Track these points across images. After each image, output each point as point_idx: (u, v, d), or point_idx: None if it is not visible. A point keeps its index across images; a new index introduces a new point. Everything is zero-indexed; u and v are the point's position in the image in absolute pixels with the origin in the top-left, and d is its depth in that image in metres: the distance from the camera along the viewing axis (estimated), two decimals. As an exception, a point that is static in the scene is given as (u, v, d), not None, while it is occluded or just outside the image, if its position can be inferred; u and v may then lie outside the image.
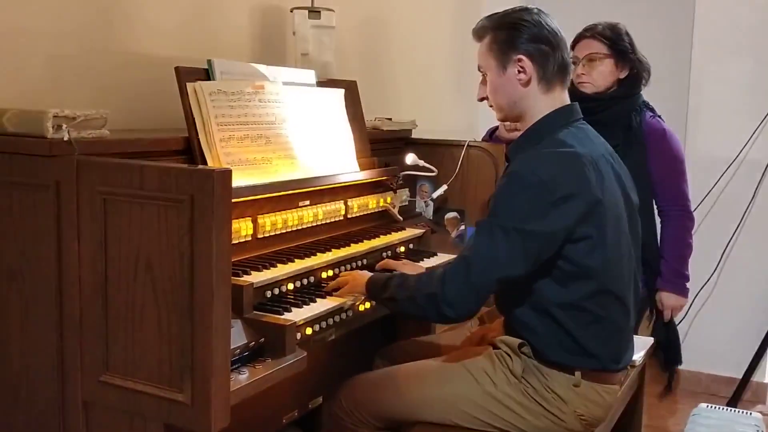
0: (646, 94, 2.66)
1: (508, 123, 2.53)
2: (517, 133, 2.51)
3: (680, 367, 3.72)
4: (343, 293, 1.87)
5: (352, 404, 1.93)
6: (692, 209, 2.66)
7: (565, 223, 1.68)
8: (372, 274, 1.90)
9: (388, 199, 2.46)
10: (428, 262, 2.31)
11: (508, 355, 1.83)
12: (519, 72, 1.79)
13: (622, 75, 2.58)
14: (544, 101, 1.81)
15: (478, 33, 1.86)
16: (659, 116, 2.65)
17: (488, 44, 1.83)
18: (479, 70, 1.88)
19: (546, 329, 1.78)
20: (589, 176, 1.71)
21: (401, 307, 1.80)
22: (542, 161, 1.71)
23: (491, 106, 1.89)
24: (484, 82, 1.88)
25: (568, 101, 1.86)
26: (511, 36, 1.79)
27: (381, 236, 2.28)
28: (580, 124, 1.86)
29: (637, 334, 2.47)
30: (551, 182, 1.67)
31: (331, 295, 1.87)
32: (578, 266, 1.72)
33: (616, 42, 2.55)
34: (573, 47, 2.61)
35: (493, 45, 1.81)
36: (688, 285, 2.67)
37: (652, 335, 2.67)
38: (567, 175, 1.69)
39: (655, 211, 2.65)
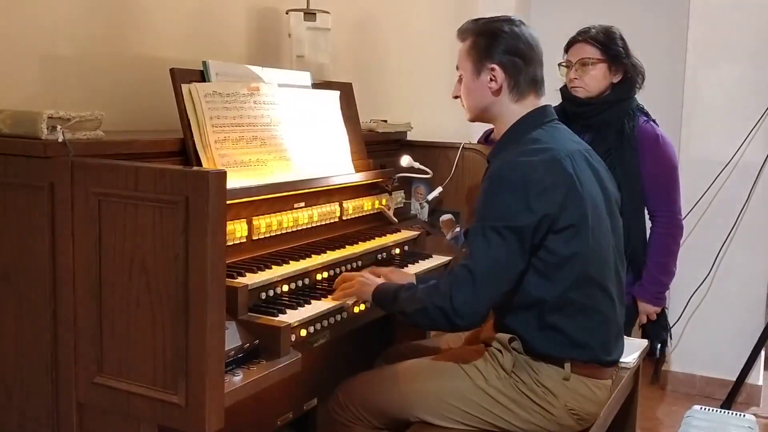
0: (641, 97, 2.65)
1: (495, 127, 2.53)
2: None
3: (674, 369, 3.75)
4: (347, 295, 1.88)
5: (349, 400, 1.94)
6: (682, 218, 2.64)
7: (548, 210, 1.72)
8: (379, 283, 1.90)
9: (384, 201, 2.46)
10: (422, 265, 2.31)
11: (499, 351, 1.85)
12: (491, 80, 1.87)
13: (616, 79, 2.57)
14: (514, 110, 1.89)
15: (462, 34, 1.94)
16: (654, 121, 2.63)
17: (468, 47, 1.91)
18: (457, 69, 1.95)
19: (534, 326, 1.80)
20: (566, 167, 1.77)
21: (412, 319, 1.83)
22: (520, 159, 1.77)
23: (463, 106, 1.97)
24: (459, 81, 1.95)
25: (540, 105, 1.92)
26: (489, 45, 1.86)
27: (376, 238, 2.28)
28: (555, 123, 1.91)
29: (629, 335, 2.48)
30: (532, 176, 1.73)
31: (326, 297, 1.87)
32: (561, 255, 1.76)
33: (609, 46, 2.54)
34: (566, 50, 2.61)
35: (472, 50, 1.89)
36: (665, 294, 2.67)
37: (645, 336, 2.67)
38: (545, 169, 1.75)
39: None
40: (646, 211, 2.63)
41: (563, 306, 1.78)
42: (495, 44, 1.85)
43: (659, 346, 2.58)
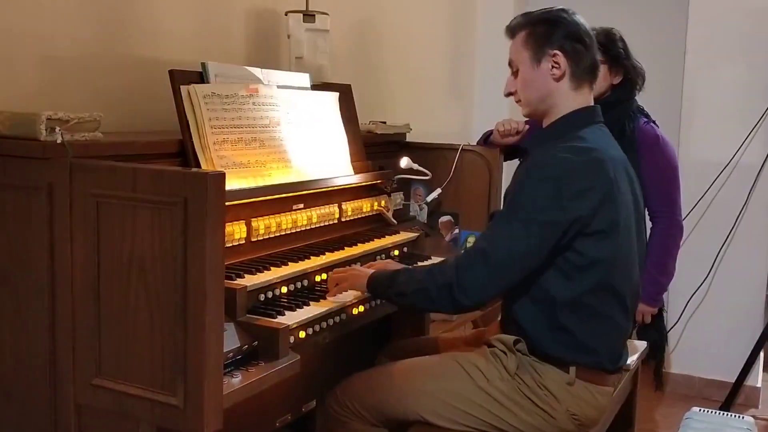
0: (639, 99, 2.66)
1: (503, 128, 2.53)
2: (513, 139, 2.54)
3: (673, 371, 3.75)
4: (342, 290, 1.87)
5: (347, 396, 1.93)
6: (682, 219, 2.64)
7: (582, 212, 1.70)
8: (373, 271, 1.89)
9: (383, 203, 2.46)
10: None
11: (503, 353, 1.84)
12: (553, 67, 1.83)
13: (616, 81, 2.57)
14: (572, 98, 1.85)
15: (513, 30, 1.89)
16: (654, 122, 2.64)
17: (524, 38, 1.86)
18: (510, 65, 1.91)
19: (545, 325, 1.79)
20: (607, 171, 1.75)
21: (411, 300, 1.81)
22: (562, 156, 1.74)
23: (518, 101, 1.92)
24: (514, 76, 1.91)
25: (592, 103, 1.90)
26: (549, 31, 1.83)
27: (375, 240, 2.28)
28: (602, 126, 1.90)
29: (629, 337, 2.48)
30: (570, 175, 1.71)
31: (325, 298, 1.87)
32: (587, 258, 1.74)
33: (609, 48, 2.54)
34: None
35: (530, 39, 1.85)
36: (663, 295, 2.67)
37: (639, 336, 2.68)
38: (586, 170, 1.73)
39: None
40: (646, 212, 2.63)
41: (577, 309, 1.77)
42: (555, 30, 1.83)
43: (650, 349, 2.58)
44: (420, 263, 2.33)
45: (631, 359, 2.21)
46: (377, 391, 1.91)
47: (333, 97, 2.33)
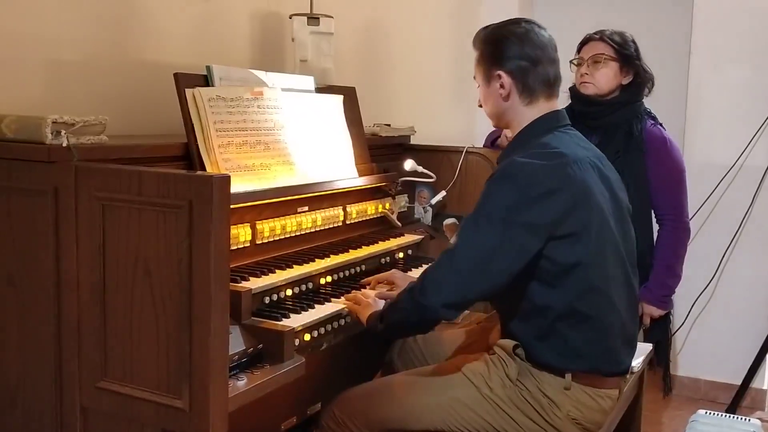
0: (645, 101, 2.66)
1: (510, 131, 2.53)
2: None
3: (679, 374, 3.74)
4: (354, 310, 1.88)
5: (346, 415, 1.91)
6: (689, 220, 2.64)
7: (550, 216, 1.69)
8: (374, 311, 1.86)
9: (387, 205, 2.46)
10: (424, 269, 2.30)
11: (504, 360, 1.84)
12: (500, 87, 1.85)
13: (625, 81, 2.58)
14: (526, 113, 1.86)
15: (474, 44, 1.94)
16: (661, 125, 2.64)
17: (477, 57, 1.92)
18: (474, 78, 1.96)
19: (535, 335, 1.79)
20: (572, 173, 1.74)
21: (390, 321, 1.78)
22: (525, 161, 1.75)
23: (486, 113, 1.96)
24: (479, 89, 1.95)
25: (554, 109, 1.90)
26: (495, 52, 1.85)
27: (379, 242, 2.28)
28: (567, 129, 1.89)
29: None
30: (535, 177, 1.71)
31: (329, 301, 1.87)
32: (562, 265, 1.73)
33: (622, 46, 2.55)
34: (580, 49, 2.62)
35: (481, 58, 1.90)
36: (671, 297, 2.66)
37: (646, 338, 2.67)
38: (551, 172, 1.72)
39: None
40: (653, 215, 2.63)
41: (567, 316, 1.76)
42: (499, 51, 1.84)
43: (655, 352, 2.57)
44: (423, 266, 2.33)
45: (637, 362, 2.20)
46: (379, 408, 1.89)
47: (337, 99, 2.34)
